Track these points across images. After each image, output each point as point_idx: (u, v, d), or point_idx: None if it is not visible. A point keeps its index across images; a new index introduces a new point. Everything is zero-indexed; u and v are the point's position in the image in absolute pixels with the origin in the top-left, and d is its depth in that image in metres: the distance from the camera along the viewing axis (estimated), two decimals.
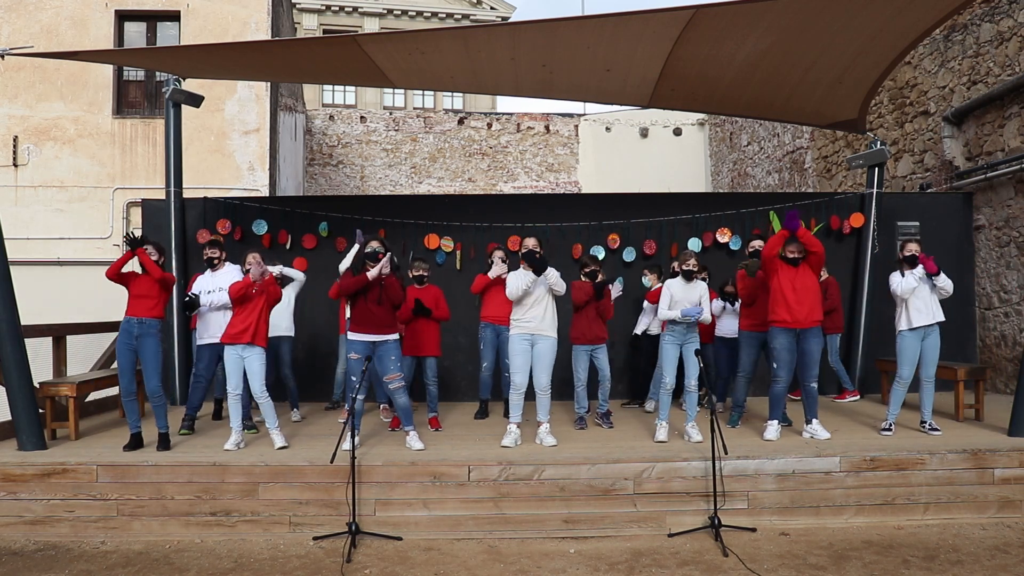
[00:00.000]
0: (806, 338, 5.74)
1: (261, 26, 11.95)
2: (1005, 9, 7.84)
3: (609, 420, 6.34)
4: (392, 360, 5.45)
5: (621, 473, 5.02)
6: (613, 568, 4.35)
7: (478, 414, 7.00)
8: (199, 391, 6.27)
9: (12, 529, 4.91)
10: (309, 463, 5.03)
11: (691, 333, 5.74)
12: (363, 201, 9.33)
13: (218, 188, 11.10)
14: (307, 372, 7.79)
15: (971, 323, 8.47)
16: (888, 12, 5.92)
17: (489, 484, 4.98)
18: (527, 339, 5.63)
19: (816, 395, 5.80)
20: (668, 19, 5.92)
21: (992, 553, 4.51)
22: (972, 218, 8.51)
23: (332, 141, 17.54)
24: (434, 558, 4.53)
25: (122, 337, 5.51)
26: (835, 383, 8.24)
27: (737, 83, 7.28)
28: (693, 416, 5.78)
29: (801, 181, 12.85)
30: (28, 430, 5.40)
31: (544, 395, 5.67)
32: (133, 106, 12.04)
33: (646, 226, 8.39)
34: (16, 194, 11.51)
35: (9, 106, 11.56)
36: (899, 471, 5.11)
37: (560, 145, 18.23)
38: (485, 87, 8.44)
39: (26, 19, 11.55)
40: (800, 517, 5.01)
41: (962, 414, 6.45)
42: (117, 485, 4.96)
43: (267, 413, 5.53)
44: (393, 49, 6.62)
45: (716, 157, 17.47)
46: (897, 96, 9.74)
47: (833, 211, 8.44)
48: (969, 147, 8.50)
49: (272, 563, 4.45)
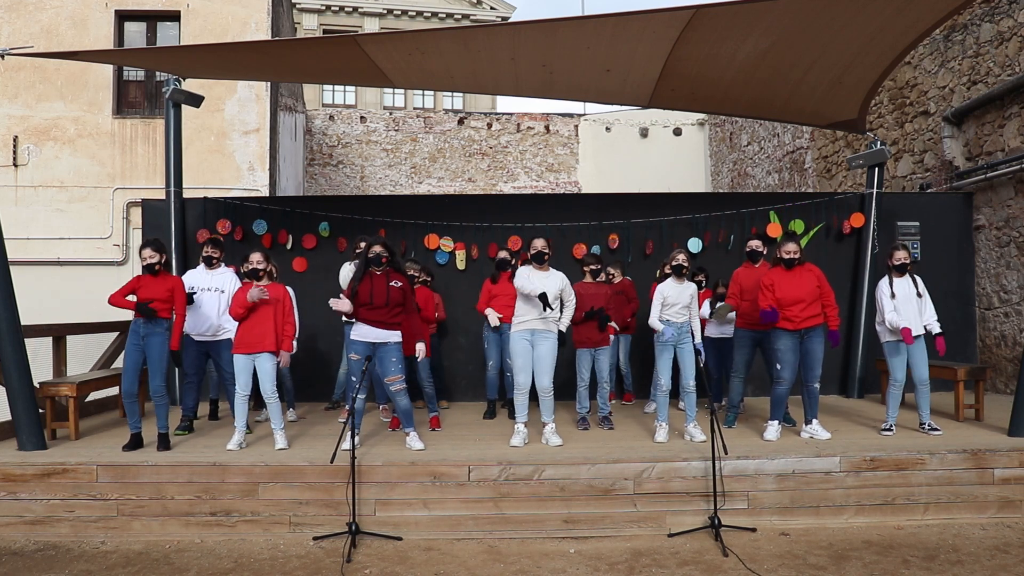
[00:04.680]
0: (809, 338, 5.75)
1: (261, 26, 11.95)
2: (1005, 9, 7.84)
3: (610, 422, 6.34)
4: (393, 362, 5.45)
5: (621, 473, 5.02)
6: (613, 568, 4.35)
7: (487, 414, 7.00)
8: (192, 391, 6.28)
9: (12, 529, 4.91)
10: (309, 463, 5.03)
11: (686, 334, 5.74)
12: (363, 201, 9.33)
13: (218, 188, 11.10)
14: (307, 372, 7.79)
15: (971, 323, 8.47)
16: (888, 12, 5.92)
17: (489, 484, 4.98)
18: (527, 338, 5.64)
19: (817, 395, 5.80)
20: (668, 19, 5.92)
21: (992, 553, 4.51)
22: (972, 218, 8.51)
23: (332, 141, 17.54)
24: (434, 558, 4.53)
25: (131, 338, 5.53)
26: (836, 383, 8.26)
27: (737, 83, 7.28)
28: (693, 416, 5.78)
29: (801, 181, 12.85)
30: (28, 430, 5.40)
31: (547, 396, 5.67)
32: (133, 106, 12.03)
33: (646, 226, 8.39)
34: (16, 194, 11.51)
35: (9, 106, 11.55)
36: (899, 471, 5.11)
37: (560, 145, 18.22)
38: (485, 87, 8.43)
39: (26, 19, 11.54)
40: (800, 517, 5.01)
41: (962, 414, 6.45)
42: (117, 485, 4.96)
43: (274, 413, 5.54)
44: (393, 49, 6.62)
45: (716, 157, 17.47)
46: (897, 96, 9.74)
47: (833, 211, 8.44)
48: (969, 147, 8.50)
49: (272, 563, 4.45)
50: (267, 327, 5.50)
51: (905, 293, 5.88)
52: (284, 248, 8.14)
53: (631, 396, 7.75)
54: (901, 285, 5.92)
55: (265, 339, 5.48)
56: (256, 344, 5.48)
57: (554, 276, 5.76)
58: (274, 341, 5.52)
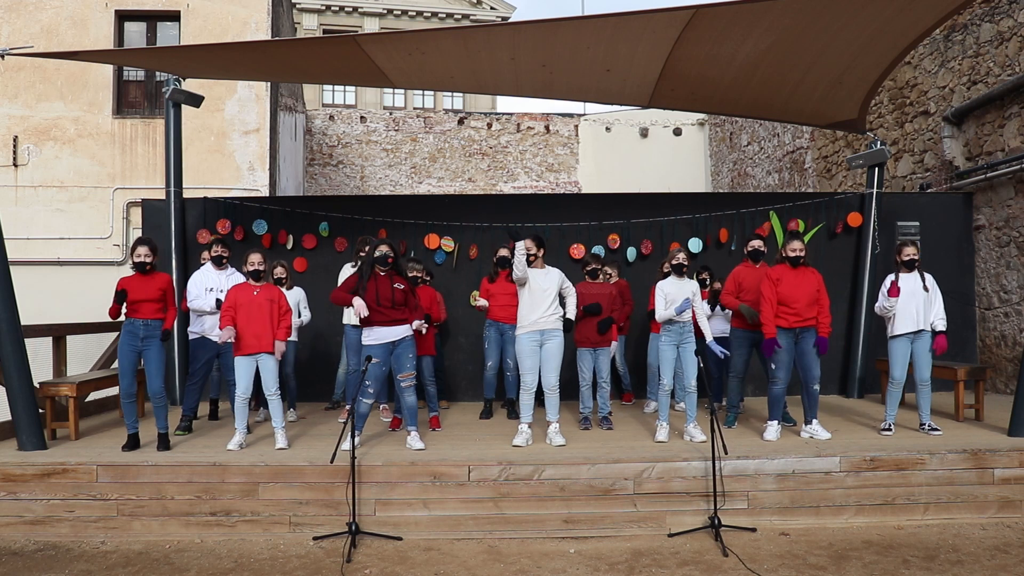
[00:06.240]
0: (804, 339, 5.75)
1: (261, 26, 11.95)
2: (1005, 9, 7.84)
3: (609, 422, 6.34)
4: (409, 358, 5.49)
5: (621, 473, 5.02)
6: (613, 568, 4.35)
7: (483, 414, 7.00)
8: (195, 391, 6.27)
9: (12, 529, 4.91)
10: (309, 463, 5.03)
11: (688, 334, 5.74)
12: (363, 201, 9.33)
13: (218, 188, 11.09)
14: (307, 372, 7.79)
15: (971, 323, 8.47)
16: (888, 12, 5.92)
17: (489, 484, 4.98)
18: (535, 339, 5.63)
19: (817, 395, 5.80)
20: (668, 19, 5.92)
21: (992, 553, 4.51)
22: (972, 218, 8.51)
23: (332, 141, 17.54)
24: (434, 558, 4.53)
25: (125, 338, 5.50)
26: (836, 383, 8.25)
27: (737, 83, 7.28)
28: (694, 416, 5.78)
29: (801, 181, 12.85)
30: (28, 430, 5.40)
31: (552, 394, 5.66)
32: (133, 106, 12.04)
33: (646, 226, 8.39)
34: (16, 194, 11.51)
35: (9, 106, 11.56)
36: (899, 471, 5.11)
37: (560, 145, 18.22)
38: (485, 87, 8.43)
39: (26, 19, 11.55)
40: (800, 517, 5.01)
41: (962, 414, 6.45)
42: (117, 485, 4.96)
43: (275, 412, 5.56)
44: (393, 49, 6.62)
45: (716, 157, 17.47)
46: (897, 96, 9.74)
47: (833, 211, 8.44)
48: (969, 147, 8.50)
49: (272, 563, 4.45)
50: (265, 327, 5.50)
51: (911, 288, 5.89)
52: (284, 248, 8.14)
53: (630, 396, 7.76)
54: (908, 281, 5.92)
55: (264, 339, 5.49)
56: (256, 345, 5.48)
57: (551, 273, 5.75)
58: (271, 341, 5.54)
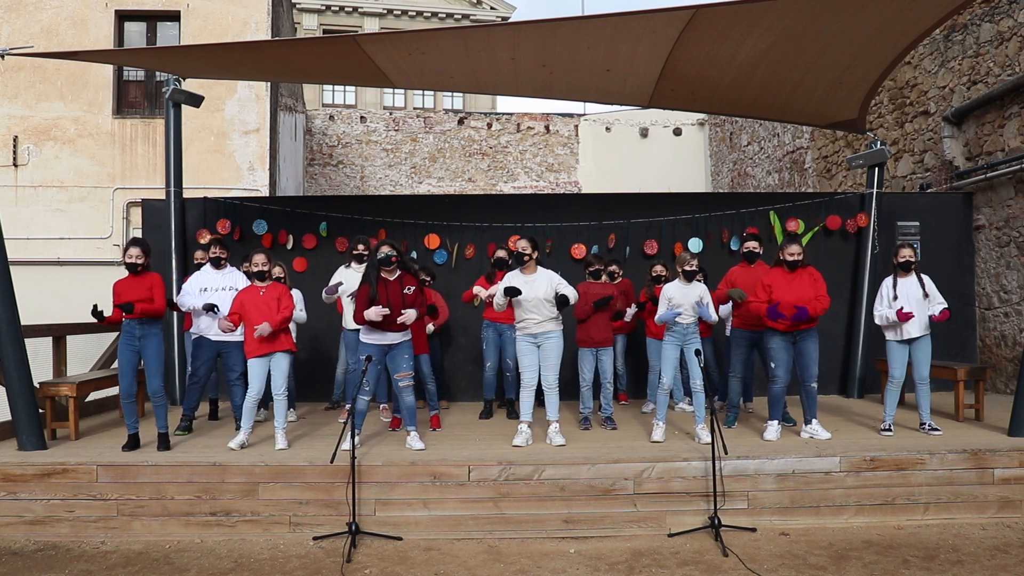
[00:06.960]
0: (802, 339, 5.75)
1: (261, 26, 11.95)
2: (1005, 9, 7.84)
3: (612, 423, 6.33)
4: (405, 359, 5.48)
5: (621, 473, 5.02)
6: (613, 568, 4.35)
7: (483, 414, 7.00)
8: (196, 391, 6.25)
9: (12, 529, 4.91)
10: (309, 463, 5.03)
11: (691, 334, 5.74)
12: (363, 201, 9.33)
13: (218, 188, 11.10)
14: (307, 372, 7.78)
15: (971, 323, 8.47)
16: (888, 12, 5.92)
17: (489, 484, 4.98)
18: (531, 341, 5.64)
19: (815, 395, 5.79)
20: (668, 19, 5.92)
21: (992, 553, 4.51)
22: (972, 218, 8.51)
23: (332, 141, 17.54)
24: (434, 558, 4.53)
25: (124, 338, 5.51)
26: (836, 383, 8.25)
27: (737, 83, 7.28)
28: (702, 417, 5.72)
29: (801, 181, 12.84)
30: (28, 430, 5.40)
31: (552, 393, 5.64)
32: (133, 106, 12.05)
33: (646, 226, 8.39)
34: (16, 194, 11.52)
35: (9, 106, 11.56)
36: (899, 471, 5.11)
37: (560, 145, 18.22)
38: (485, 87, 8.43)
39: (26, 19, 11.55)
40: (800, 517, 5.01)
41: (962, 414, 6.44)
42: (117, 485, 4.96)
43: (280, 411, 5.57)
44: (393, 49, 6.62)
45: (716, 157, 17.47)
46: (897, 96, 9.74)
47: (833, 211, 8.43)
48: (969, 147, 8.50)
49: (272, 563, 4.45)
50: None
51: (909, 292, 5.87)
52: (284, 248, 8.14)
53: (624, 396, 7.76)
54: (906, 285, 5.91)
55: (277, 338, 5.50)
56: (268, 345, 5.48)
57: (541, 278, 5.62)
58: (283, 339, 5.54)
